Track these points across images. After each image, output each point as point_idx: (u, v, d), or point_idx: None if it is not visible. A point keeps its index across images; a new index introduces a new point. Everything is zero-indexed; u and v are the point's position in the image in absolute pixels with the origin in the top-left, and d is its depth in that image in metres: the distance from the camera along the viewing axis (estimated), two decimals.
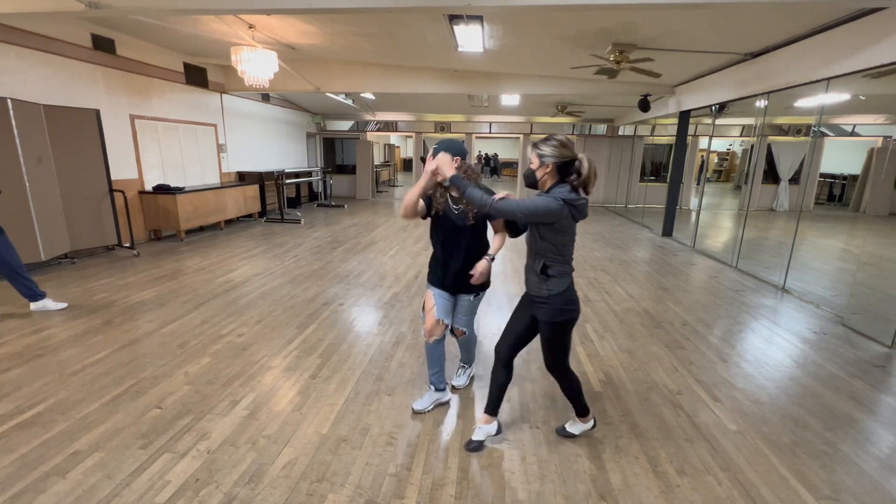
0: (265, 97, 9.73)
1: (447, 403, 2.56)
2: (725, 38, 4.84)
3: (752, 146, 6.40)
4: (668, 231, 8.15)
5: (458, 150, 2.15)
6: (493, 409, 2.17)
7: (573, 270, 1.98)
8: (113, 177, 5.69)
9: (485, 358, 3.14)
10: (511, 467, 2.06)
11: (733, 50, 5.27)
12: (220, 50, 6.25)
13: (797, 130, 11.43)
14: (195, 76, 7.36)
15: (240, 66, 5.17)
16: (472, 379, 2.82)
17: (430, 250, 2.45)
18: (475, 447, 2.17)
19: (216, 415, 2.39)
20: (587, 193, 1.90)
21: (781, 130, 11.54)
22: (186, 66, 7.17)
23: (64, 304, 3.89)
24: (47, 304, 3.80)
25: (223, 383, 2.71)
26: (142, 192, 6.50)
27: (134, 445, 2.13)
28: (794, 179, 11.54)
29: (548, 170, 1.87)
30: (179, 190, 6.62)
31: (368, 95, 9.55)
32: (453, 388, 2.71)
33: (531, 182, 1.96)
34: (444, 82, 7.46)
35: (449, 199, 2.24)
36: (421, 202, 2.21)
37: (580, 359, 3.17)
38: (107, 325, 3.55)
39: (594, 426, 2.30)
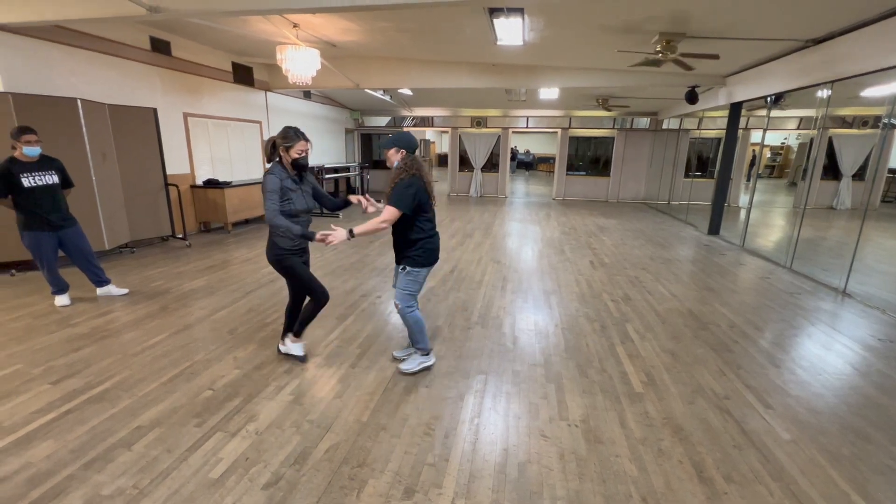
0: (307, 94, 10.01)
1: (430, 367, 2.89)
2: (784, 23, 4.53)
3: (812, 139, 5.98)
4: (714, 229, 7.77)
5: (406, 142, 2.53)
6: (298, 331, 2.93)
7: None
8: (168, 171, 6.06)
9: (521, 355, 3.13)
10: (549, 464, 2.05)
11: (793, 36, 4.93)
12: (266, 49, 6.48)
13: (863, 122, 10.56)
14: (242, 75, 7.68)
15: (284, 64, 5.35)
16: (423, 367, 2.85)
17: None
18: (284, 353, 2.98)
19: (263, 398, 2.51)
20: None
21: (845, 122, 10.70)
22: (234, 65, 7.49)
23: (126, 290, 4.18)
24: (111, 289, 4.10)
25: (269, 369, 2.84)
26: (193, 186, 6.87)
27: (189, 423, 2.27)
28: (858, 175, 10.69)
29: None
30: (227, 184, 6.94)
31: (406, 91, 9.63)
32: (394, 359, 2.97)
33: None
34: (482, 76, 7.41)
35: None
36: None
37: (620, 358, 3.10)
38: (163, 310, 3.79)
39: (303, 359, 2.91)
